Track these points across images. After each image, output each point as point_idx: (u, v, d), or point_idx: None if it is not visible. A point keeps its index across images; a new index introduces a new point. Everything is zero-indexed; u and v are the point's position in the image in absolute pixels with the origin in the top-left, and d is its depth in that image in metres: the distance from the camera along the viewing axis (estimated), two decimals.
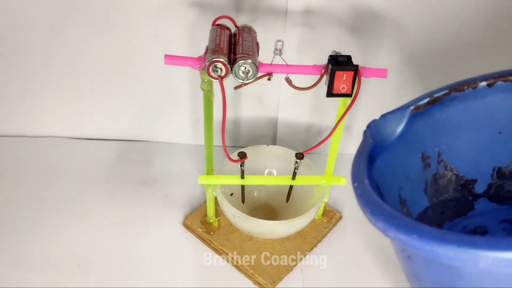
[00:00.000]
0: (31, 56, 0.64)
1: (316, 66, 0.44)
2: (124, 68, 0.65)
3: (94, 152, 0.71)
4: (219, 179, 0.53)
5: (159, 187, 0.65)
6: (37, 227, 0.58)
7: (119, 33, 0.62)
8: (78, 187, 0.64)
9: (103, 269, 0.53)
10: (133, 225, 0.59)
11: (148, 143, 0.73)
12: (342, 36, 0.60)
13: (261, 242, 0.56)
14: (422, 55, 0.62)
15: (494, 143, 0.36)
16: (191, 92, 0.68)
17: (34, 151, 0.69)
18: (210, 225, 0.58)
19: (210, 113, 0.46)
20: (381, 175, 0.31)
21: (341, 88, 0.43)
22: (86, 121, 0.72)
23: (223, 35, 0.44)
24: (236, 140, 0.73)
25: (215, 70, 0.40)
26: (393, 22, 0.59)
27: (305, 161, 0.57)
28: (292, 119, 0.70)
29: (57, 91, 0.68)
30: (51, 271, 0.53)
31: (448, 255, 0.18)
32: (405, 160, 0.34)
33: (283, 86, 0.66)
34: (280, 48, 0.44)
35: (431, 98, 0.35)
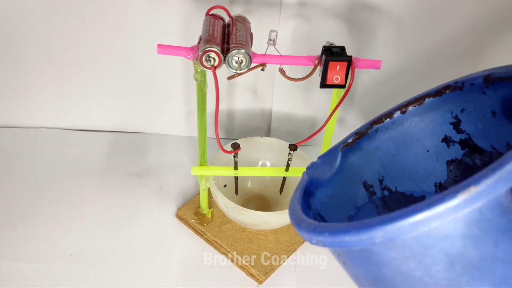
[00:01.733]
0: (24, 48, 0.63)
1: (309, 56, 0.44)
2: (118, 60, 0.65)
3: (87, 143, 0.70)
4: (212, 170, 0.53)
5: (153, 179, 0.65)
6: (30, 217, 0.57)
7: (113, 24, 0.61)
8: (72, 178, 0.64)
9: (96, 259, 0.53)
10: (126, 216, 0.59)
11: (142, 135, 0.73)
12: (336, 28, 0.60)
13: (254, 234, 0.56)
14: (416, 47, 0.62)
15: (425, 161, 0.39)
16: (185, 85, 0.68)
17: (27, 142, 0.69)
18: (203, 216, 0.58)
19: (204, 104, 0.46)
20: (324, 206, 0.34)
21: (334, 79, 0.42)
22: (79, 113, 0.71)
23: (216, 25, 0.44)
24: (230, 132, 0.73)
25: (208, 59, 0.40)
26: (387, 15, 0.59)
27: (298, 152, 0.57)
28: (286, 111, 0.70)
29: (50, 82, 0.67)
30: (44, 261, 0.52)
31: (353, 241, 0.21)
32: (348, 191, 0.38)
33: (277, 78, 0.66)
34: (274, 38, 0.44)
35: (357, 134, 0.38)
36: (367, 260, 0.24)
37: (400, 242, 0.21)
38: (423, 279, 0.22)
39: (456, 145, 0.37)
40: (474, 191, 0.19)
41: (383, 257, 0.22)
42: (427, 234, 0.21)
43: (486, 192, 0.19)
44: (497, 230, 0.21)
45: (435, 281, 0.22)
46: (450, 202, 0.19)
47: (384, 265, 0.23)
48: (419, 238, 0.21)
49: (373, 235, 0.21)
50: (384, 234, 0.20)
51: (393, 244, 0.21)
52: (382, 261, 0.23)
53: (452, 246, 0.21)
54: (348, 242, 0.22)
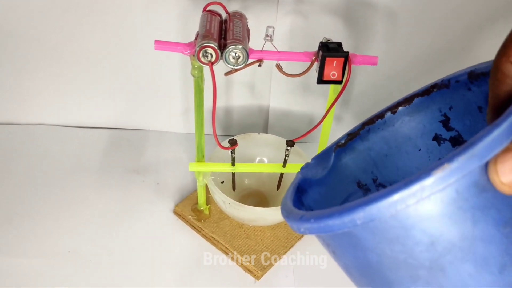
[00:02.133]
0: (21, 45, 0.63)
1: (306, 52, 0.44)
2: (116, 57, 0.65)
3: (84, 140, 0.70)
4: (209, 166, 0.53)
5: (150, 175, 0.65)
6: (27, 214, 0.57)
7: (111, 21, 0.61)
8: (69, 175, 0.64)
9: (93, 255, 0.53)
10: (124, 212, 0.59)
11: (139, 131, 0.73)
12: (333, 25, 0.60)
13: (251, 230, 0.57)
14: (414, 44, 0.62)
15: (418, 160, 0.39)
16: (183, 82, 0.68)
17: (24, 139, 0.69)
18: (201, 212, 0.58)
19: (201, 100, 0.46)
20: (317, 203, 0.35)
21: (331, 75, 0.43)
22: (76, 109, 0.71)
23: (213, 20, 0.44)
24: (227, 128, 0.73)
25: (205, 55, 0.40)
26: (384, 11, 0.59)
27: (295, 149, 0.57)
28: (283, 107, 0.70)
29: (48, 79, 0.67)
30: (41, 257, 0.53)
31: (336, 224, 0.22)
32: (341, 191, 0.39)
33: (274, 75, 0.66)
34: (271, 34, 0.44)
35: (349, 135, 0.39)
36: (353, 247, 0.24)
37: (382, 225, 0.22)
38: (407, 261, 0.23)
39: (446, 143, 0.38)
40: (447, 169, 0.19)
41: (367, 242, 0.23)
42: (406, 215, 0.21)
43: (459, 169, 0.20)
44: (474, 209, 0.21)
45: (419, 263, 0.22)
46: (426, 181, 0.20)
47: (369, 250, 0.23)
48: (399, 219, 0.21)
49: (354, 217, 0.21)
50: (365, 215, 0.21)
51: (375, 226, 0.22)
52: (368, 246, 0.23)
53: (432, 226, 0.22)
54: (332, 226, 0.23)
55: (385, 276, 0.24)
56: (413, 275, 0.23)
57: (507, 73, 0.23)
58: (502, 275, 0.22)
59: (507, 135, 0.19)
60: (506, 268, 0.22)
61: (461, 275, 0.22)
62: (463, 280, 0.22)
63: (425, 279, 0.23)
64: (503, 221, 0.22)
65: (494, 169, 0.20)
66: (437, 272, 0.22)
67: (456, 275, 0.22)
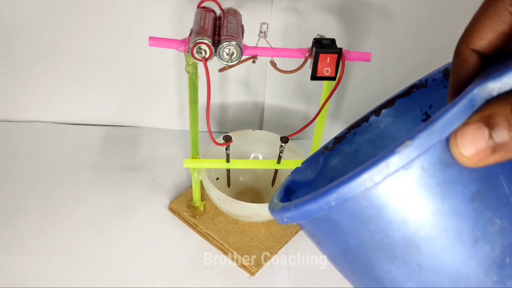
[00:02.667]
0: (16, 42, 0.63)
1: (300, 49, 0.44)
2: (110, 54, 0.65)
3: (80, 137, 0.70)
4: (204, 162, 0.53)
5: (145, 172, 0.65)
6: (22, 211, 0.57)
7: (105, 17, 0.61)
8: (64, 172, 0.64)
9: (89, 252, 0.53)
10: (119, 209, 0.59)
11: (134, 128, 0.73)
12: (327, 21, 0.60)
13: (246, 226, 0.57)
14: (408, 40, 0.63)
15: None
16: (177, 78, 0.68)
17: (19, 136, 0.69)
18: (196, 209, 0.58)
19: (195, 96, 0.46)
20: None
21: (325, 71, 0.43)
22: (71, 106, 0.71)
23: (207, 17, 0.44)
24: (222, 125, 0.73)
25: (199, 51, 0.40)
26: (378, 8, 0.59)
27: (290, 145, 0.57)
28: (278, 104, 0.70)
29: (42, 76, 0.67)
30: (36, 254, 0.53)
31: (313, 208, 0.23)
32: None
33: (269, 71, 0.66)
34: (265, 30, 0.44)
35: (336, 139, 0.41)
36: (334, 233, 0.25)
37: (355, 205, 0.23)
38: (383, 241, 0.23)
39: None
40: (409, 145, 0.21)
41: (345, 225, 0.24)
42: (377, 194, 0.22)
43: (421, 145, 0.20)
44: (441, 185, 0.22)
45: (394, 242, 0.23)
46: (390, 158, 0.21)
47: (348, 234, 0.24)
48: (371, 199, 0.22)
49: (328, 199, 0.23)
50: (338, 196, 0.22)
51: (350, 208, 0.23)
52: (346, 229, 0.24)
53: (402, 204, 0.22)
54: (310, 211, 0.24)
55: (365, 260, 0.25)
56: (390, 255, 0.24)
57: (466, 58, 0.24)
58: (475, 249, 0.23)
59: (465, 112, 0.20)
60: (478, 242, 0.23)
61: (435, 251, 0.23)
62: (438, 256, 0.23)
63: (402, 258, 0.23)
64: (470, 196, 0.22)
65: (454, 142, 0.21)
66: (412, 249, 0.23)
67: (431, 252, 0.23)
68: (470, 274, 0.23)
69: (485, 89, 0.20)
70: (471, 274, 0.23)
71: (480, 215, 0.22)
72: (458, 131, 0.20)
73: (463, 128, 0.20)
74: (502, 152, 0.20)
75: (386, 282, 0.25)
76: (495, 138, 0.20)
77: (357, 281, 0.28)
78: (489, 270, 0.23)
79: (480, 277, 0.23)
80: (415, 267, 0.23)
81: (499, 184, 0.23)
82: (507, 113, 0.20)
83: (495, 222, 0.23)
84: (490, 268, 0.23)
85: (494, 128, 0.20)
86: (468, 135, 0.20)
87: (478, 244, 0.23)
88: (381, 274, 0.25)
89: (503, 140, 0.20)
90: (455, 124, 0.20)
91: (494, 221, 0.23)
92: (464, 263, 0.23)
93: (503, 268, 0.23)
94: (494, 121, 0.20)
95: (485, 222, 0.23)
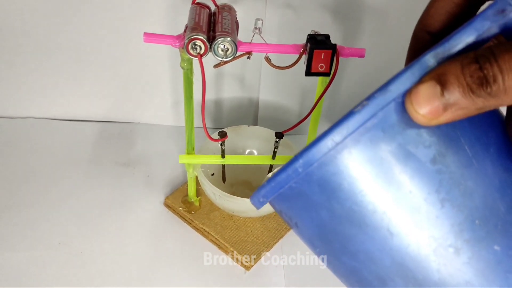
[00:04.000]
0: (9, 37, 0.63)
1: (295, 45, 0.44)
2: (105, 49, 0.65)
3: (74, 133, 0.70)
4: (199, 158, 0.53)
5: (140, 168, 0.65)
6: (17, 207, 0.58)
7: (99, 13, 0.61)
8: (59, 168, 0.64)
9: (84, 247, 0.54)
10: (114, 205, 0.59)
11: (129, 124, 0.73)
12: (322, 18, 0.60)
13: (241, 221, 0.57)
14: (403, 36, 0.63)
15: None
16: (172, 74, 0.68)
17: (13, 133, 0.69)
18: (191, 204, 0.59)
19: (190, 92, 0.47)
20: None
21: (319, 67, 0.43)
22: (66, 102, 0.71)
23: (202, 13, 0.44)
24: (217, 121, 0.73)
25: (194, 47, 0.40)
26: (373, 4, 0.59)
27: (285, 141, 0.57)
28: (273, 100, 0.70)
29: (36, 71, 0.67)
30: (32, 249, 0.53)
31: (283, 178, 0.24)
32: None
33: (264, 67, 0.66)
34: (260, 27, 0.44)
35: None
36: (307, 208, 0.25)
37: (323, 173, 0.23)
38: (353, 209, 0.24)
39: None
40: (366, 105, 0.22)
41: (316, 197, 0.24)
42: (342, 159, 0.23)
43: (376, 104, 0.22)
44: (401, 146, 0.23)
45: (363, 208, 0.23)
46: (349, 118, 0.22)
47: (320, 207, 0.25)
48: (337, 164, 0.23)
49: (295, 165, 0.24)
50: (304, 161, 0.23)
51: (318, 178, 0.24)
52: (318, 201, 0.25)
53: (367, 167, 0.23)
54: (280, 182, 0.25)
55: (339, 235, 0.25)
56: (361, 224, 0.24)
57: (421, 39, 0.25)
58: (442, 211, 0.23)
59: (417, 73, 0.22)
60: (444, 204, 0.23)
61: (403, 214, 0.23)
62: (406, 220, 0.23)
63: (372, 226, 0.24)
64: (431, 157, 0.23)
65: (409, 99, 0.22)
66: (382, 214, 0.23)
67: (399, 215, 0.23)
68: (441, 237, 0.23)
69: (436, 54, 0.22)
70: (442, 237, 0.23)
71: (443, 176, 0.23)
72: (412, 89, 0.21)
73: (416, 86, 0.21)
74: (453, 109, 0.21)
75: (361, 256, 0.25)
76: (446, 95, 0.21)
77: (336, 264, 0.28)
78: (459, 233, 0.23)
79: (451, 240, 0.23)
80: (386, 234, 0.23)
81: (461, 147, 0.23)
82: (457, 71, 0.21)
83: (460, 183, 0.23)
84: (461, 231, 0.23)
85: (445, 85, 0.21)
86: (421, 92, 0.21)
87: (444, 206, 0.23)
88: (356, 248, 0.25)
89: (454, 97, 0.21)
90: (408, 83, 0.22)
91: (459, 182, 0.23)
92: (433, 225, 0.23)
93: (473, 230, 0.23)
94: (446, 78, 0.21)
95: (449, 184, 0.23)
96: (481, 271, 0.23)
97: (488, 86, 0.20)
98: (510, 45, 0.20)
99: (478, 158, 0.23)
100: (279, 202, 0.27)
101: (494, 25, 0.22)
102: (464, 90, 0.20)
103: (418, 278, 0.24)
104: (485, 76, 0.20)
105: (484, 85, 0.20)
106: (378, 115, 0.22)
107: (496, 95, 0.20)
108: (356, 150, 0.23)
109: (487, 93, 0.20)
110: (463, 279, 0.23)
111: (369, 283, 0.26)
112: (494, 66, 0.20)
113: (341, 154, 0.23)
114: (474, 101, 0.21)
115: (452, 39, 0.22)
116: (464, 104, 0.21)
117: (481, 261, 0.23)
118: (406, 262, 0.24)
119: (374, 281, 0.25)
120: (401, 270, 0.24)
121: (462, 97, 0.21)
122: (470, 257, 0.23)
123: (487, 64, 0.20)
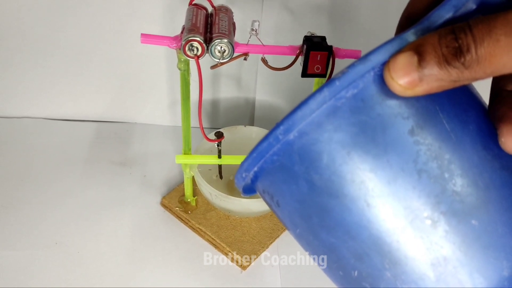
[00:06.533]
0: (5, 36, 0.63)
1: (291, 46, 0.45)
2: (102, 49, 0.65)
3: (71, 133, 0.70)
4: (196, 158, 0.54)
5: (137, 168, 0.65)
6: (14, 206, 0.58)
7: (96, 13, 0.61)
8: (55, 168, 0.64)
9: (81, 247, 0.54)
10: (111, 204, 0.59)
11: (126, 124, 0.73)
12: (319, 19, 0.61)
13: (237, 221, 0.58)
14: None
15: None
16: (169, 74, 0.68)
17: (9, 132, 0.69)
18: (188, 204, 0.59)
19: (187, 93, 0.47)
20: None
21: (315, 69, 0.43)
22: (62, 102, 0.71)
23: (199, 14, 0.44)
24: (214, 121, 0.74)
25: (191, 49, 0.41)
26: (369, 5, 0.60)
27: None
28: (269, 100, 0.71)
29: (32, 71, 0.67)
30: (29, 249, 0.53)
31: (264, 146, 0.25)
32: None
33: (260, 68, 0.67)
34: (256, 28, 0.44)
35: None
36: (287, 181, 0.26)
37: (303, 143, 0.24)
38: (332, 179, 0.24)
39: None
40: (346, 72, 0.23)
41: (297, 167, 0.25)
42: (321, 127, 0.23)
43: (356, 72, 0.22)
44: (380, 116, 0.23)
45: (341, 178, 0.24)
46: (330, 86, 0.23)
47: (300, 177, 0.25)
48: (318, 133, 0.24)
49: (276, 133, 0.24)
50: (284, 128, 0.24)
51: (298, 147, 0.24)
52: (297, 173, 0.25)
53: (345, 136, 0.23)
54: (261, 151, 0.25)
55: (318, 207, 0.25)
56: (339, 195, 0.24)
57: (405, 28, 0.26)
58: (419, 182, 0.23)
59: (397, 46, 0.22)
60: (422, 175, 0.23)
61: (381, 184, 0.23)
62: (383, 190, 0.23)
63: (350, 196, 0.24)
64: (409, 128, 0.23)
65: (387, 68, 0.22)
66: (360, 184, 0.23)
67: (376, 185, 0.23)
68: (417, 208, 0.23)
69: (417, 31, 0.22)
70: (418, 209, 0.23)
71: (420, 147, 0.23)
72: (391, 58, 0.22)
73: (395, 56, 0.22)
74: (429, 80, 0.21)
75: (339, 230, 0.25)
76: (422, 64, 0.21)
77: (316, 245, 0.28)
78: (435, 205, 0.23)
79: (428, 212, 0.23)
80: (363, 205, 0.23)
81: (439, 121, 0.23)
82: (435, 41, 0.21)
83: (437, 156, 0.23)
84: (437, 203, 0.23)
85: (422, 55, 0.21)
86: (399, 60, 0.22)
87: (422, 177, 0.23)
88: (334, 222, 0.25)
89: (430, 67, 0.21)
90: (387, 54, 0.22)
91: (436, 154, 0.23)
92: (409, 195, 0.23)
93: (450, 203, 0.23)
94: (423, 49, 0.21)
95: (426, 155, 0.23)
96: (458, 245, 0.23)
97: (462, 56, 0.20)
98: (485, 18, 0.20)
99: (457, 133, 0.24)
100: (262, 179, 0.27)
101: (471, 1, 0.22)
102: (440, 60, 0.21)
103: (394, 254, 0.24)
104: (460, 46, 0.20)
105: (458, 55, 0.21)
106: (358, 85, 0.23)
107: (470, 66, 0.21)
108: (336, 118, 0.23)
109: (461, 63, 0.21)
110: (441, 254, 0.23)
111: (347, 261, 0.26)
112: (469, 36, 0.20)
113: (321, 122, 0.23)
114: (449, 72, 0.21)
115: (431, 16, 0.22)
116: (439, 75, 0.21)
117: (459, 236, 0.23)
118: (383, 235, 0.23)
119: (352, 259, 0.25)
120: (378, 244, 0.24)
121: (437, 67, 0.21)
122: (447, 230, 0.23)
123: (461, 34, 0.21)
